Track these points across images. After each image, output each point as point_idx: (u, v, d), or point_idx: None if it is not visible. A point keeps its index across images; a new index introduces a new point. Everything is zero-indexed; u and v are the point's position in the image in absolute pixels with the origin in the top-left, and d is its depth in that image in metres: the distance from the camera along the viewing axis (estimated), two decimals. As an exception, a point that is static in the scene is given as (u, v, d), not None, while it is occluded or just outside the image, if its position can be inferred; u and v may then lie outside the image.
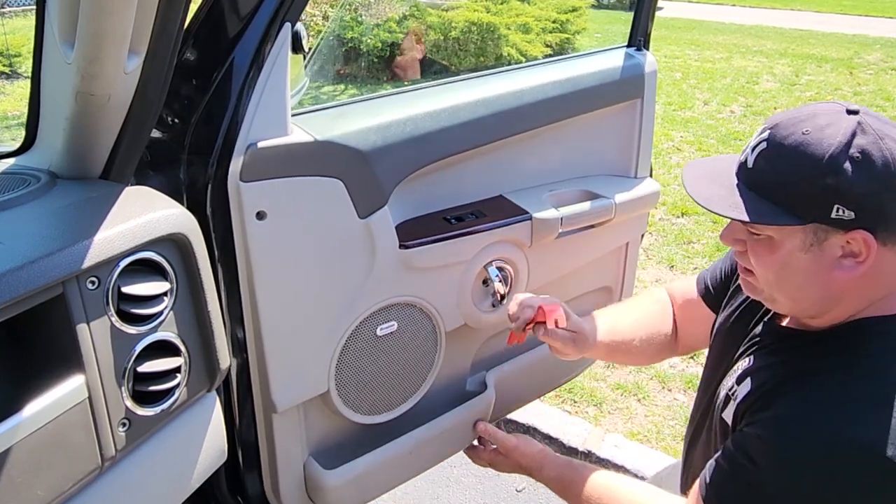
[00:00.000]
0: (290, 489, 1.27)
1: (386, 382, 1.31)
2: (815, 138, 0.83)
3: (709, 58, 9.02)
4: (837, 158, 0.81)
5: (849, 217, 0.82)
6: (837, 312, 0.91)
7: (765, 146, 0.87)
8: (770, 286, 0.93)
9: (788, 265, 0.88)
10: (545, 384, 1.63)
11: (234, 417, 1.19)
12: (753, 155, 0.88)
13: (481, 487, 2.25)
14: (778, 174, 0.85)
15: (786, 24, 12.15)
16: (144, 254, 0.82)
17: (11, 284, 0.69)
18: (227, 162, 1.01)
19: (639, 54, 1.52)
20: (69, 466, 0.77)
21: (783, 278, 0.90)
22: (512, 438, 1.31)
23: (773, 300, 0.95)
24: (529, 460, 1.27)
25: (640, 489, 1.10)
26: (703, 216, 4.05)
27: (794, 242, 0.87)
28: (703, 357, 2.88)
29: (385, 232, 1.18)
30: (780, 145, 0.85)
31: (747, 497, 0.91)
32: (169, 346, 0.87)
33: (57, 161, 0.92)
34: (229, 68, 1.02)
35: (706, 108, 6.58)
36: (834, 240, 0.85)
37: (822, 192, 0.82)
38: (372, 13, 6.65)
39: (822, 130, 0.83)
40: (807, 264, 0.87)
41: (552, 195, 1.42)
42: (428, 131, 1.21)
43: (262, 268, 1.08)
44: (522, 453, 1.28)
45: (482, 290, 1.37)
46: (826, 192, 0.82)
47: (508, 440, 1.31)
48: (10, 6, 7.65)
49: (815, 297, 0.90)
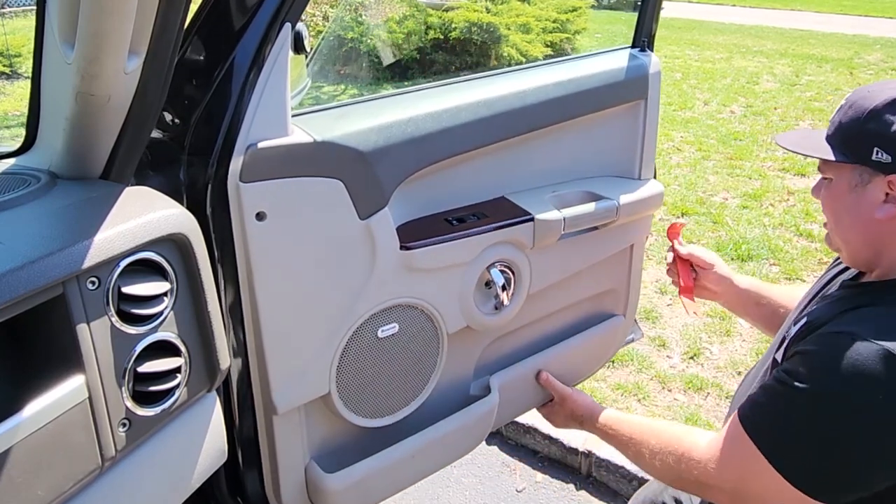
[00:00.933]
0: (291, 492, 1.27)
1: (388, 385, 1.30)
2: (872, 96, 0.99)
3: (709, 58, 9.02)
4: (882, 110, 0.97)
5: (886, 160, 0.97)
6: (889, 264, 1.03)
7: (842, 105, 1.04)
8: (832, 230, 1.08)
9: (840, 205, 1.04)
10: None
11: (235, 418, 1.18)
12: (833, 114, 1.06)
13: (481, 487, 2.25)
14: (840, 123, 1.02)
15: (786, 24, 12.16)
16: (144, 254, 0.82)
17: (11, 284, 0.69)
18: (227, 162, 1.01)
19: (643, 55, 1.51)
20: (69, 466, 0.77)
21: (838, 220, 1.05)
22: (567, 388, 1.49)
23: (839, 249, 1.09)
24: (583, 409, 1.42)
25: (678, 426, 1.21)
26: (704, 216, 4.05)
27: (844, 183, 1.02)
28: (703, 358, 2.89)
29: (386, 233, 1.18)
30: (851, 103, 1.02)
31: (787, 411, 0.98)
32: (169, 347, 0.86)
33: (57, 161, 0.92)
34: (229, 68, 1.01)
35: (706, 108, 6.58)
36: (876, 182, 0.99)
37: (865, 134, 0.98)
38: (372, 13, 6.65)
39: (881, 92, 0.99)
40: (853, 204, 1.02)
41: (555, 196, 1.42)
42: (429, 132, 1.21)
43: (262, 268, 1.07)
44: (575, 401, 1.45)
45: (484, 292, 1.37)
46: (868, 135, 0.98)
47: (565, 389, 1.49)
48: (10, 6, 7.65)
49: (862, 240, 1.03)
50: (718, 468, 1.05)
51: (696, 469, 1.08)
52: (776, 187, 4.56)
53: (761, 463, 0.98)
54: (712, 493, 1.10)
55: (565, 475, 2.30)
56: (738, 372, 2.68)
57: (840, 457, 0.94)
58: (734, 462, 1.03)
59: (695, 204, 4.25)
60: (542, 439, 2.36)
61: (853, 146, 0.99)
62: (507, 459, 2.37)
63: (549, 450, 2.36)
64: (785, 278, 3.36)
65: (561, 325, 1.60)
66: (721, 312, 3.06)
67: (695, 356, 2.78)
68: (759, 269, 3.43)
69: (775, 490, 0.97)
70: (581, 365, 1.63)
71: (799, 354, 0.99)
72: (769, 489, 0.98)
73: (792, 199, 4.39)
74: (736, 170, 4.90)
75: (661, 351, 2.83)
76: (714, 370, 2.70)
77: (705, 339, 2.90)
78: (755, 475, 0.99)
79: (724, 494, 1.07)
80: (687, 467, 1.10)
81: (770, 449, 0.98)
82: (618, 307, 1.69)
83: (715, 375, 2.67)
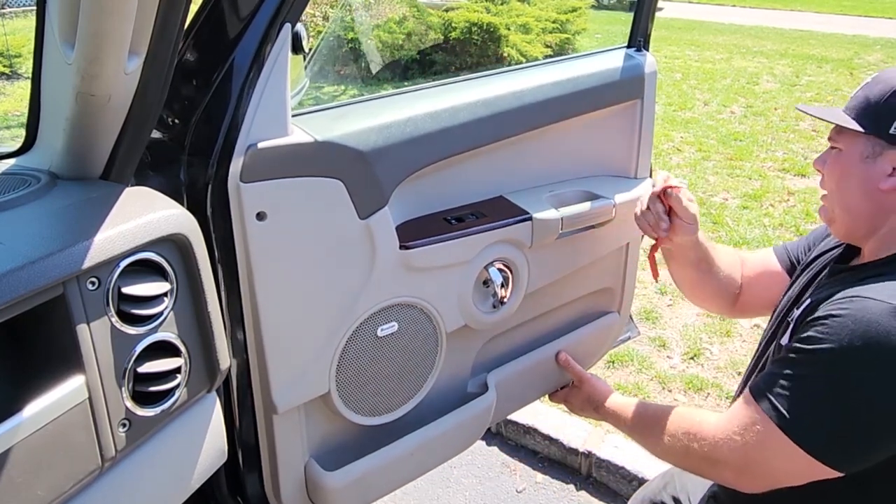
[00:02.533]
0: (290, 490, 1.27)
1: (387, 384, 1.31)
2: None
3: (709, 58, 9.02)
4: None
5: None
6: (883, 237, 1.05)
7: (867, 81, 1.07)
8: (833, 200, 1.09)
9: (847, 175, 1.06)
10: (546, 385, 1.63)
11: (235, 418, 1.19)
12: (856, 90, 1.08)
13: (481, 488, 2.25)
14: (864, 97, 1.05)
15: (786, 24, 12.16)
16: (145, 254, 0.82)
17: (11, 285, 0.69)
18: (227, 162, 1.01)
19: (639, 55, 1.51)
20: (69, 467, 0.77)
21: (842, 188, 1.07)
22: (586, 372, 1.52)
23: (834, 220, 1.11)
24: (599, 395, 1.43)
25: (693, 409, 1.22)
26: (704, 217, 4.05)
27: (855, 153, 1.04)
28: (703, 358, 2.89)
29: (385, 232, 1.18)
30: (879, 80, 1.04)
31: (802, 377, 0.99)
32: (169, 347, 0.87)
33: (57, 161, 0.92)
34: (229, 69, 1.01)
35: (706, 108, 6.58)
36: (887, 154, 1.01)
37: (885, 107, 1.00)
38: (372, 13, 6.65)
39: None
40: (861, 174, 1.04)
41: (552, 196, 1.42)
42: (428, 132, 1.21)
43: (263, 268, 1.08)
44: (593, 385, 1.47)
45: (483, 291, 1.37)
46: (888, 108, 1.00)
47: (583, 372, 1.51)
48: (10, 6, 7.65)
49: (864, 210, 1.05)
50: (726, 442, 1.05)
51: (705, 444, 1.09)
52: (776, 188, 4.56)
53: (771, 431, 0.98)
54: (718, 469, 1.09)
55: (565, 475, 2.30)
56: (738, 372, 2.68)
57: (855, 418, 0.94)
58: (743, 436, 1.03)
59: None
60: (542, 440, 2.36)
61: (873, 117, 1.02)
62: (507, 460, 2.37)
63: (549, 450, 2.36)
64: (785, 278, 3.36)
65: (557, 322, 1.60)
66: (721, 312, 3.06)
67: (695, 356, 2.78)
68: (759, 270, 3.43)
69: (785, 458, 0.97)
70: (577, 361, 1.64)
71: (811, 323, 0.99)
72: (778, 457, 0.98)
73: (792, 199, 4.39)
74: (736, 170, 4.90)
75: (661, 351, 2.83)
76: (714, 370, 2.70)
77: (705, 339, 2.90)
78: (767, 448, 0.99)
79: (730, 470, 1.07)
80: (694, 441, 1.11)
81: (781, 416, 0.98)
82: (613, 304, 1.70)
83: (715, 376, 2.67)
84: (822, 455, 0.95)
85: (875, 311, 0.92)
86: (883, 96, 1.01)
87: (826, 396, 0.96)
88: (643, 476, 2.14)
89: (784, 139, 5.60)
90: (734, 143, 5.48)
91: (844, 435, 0.95)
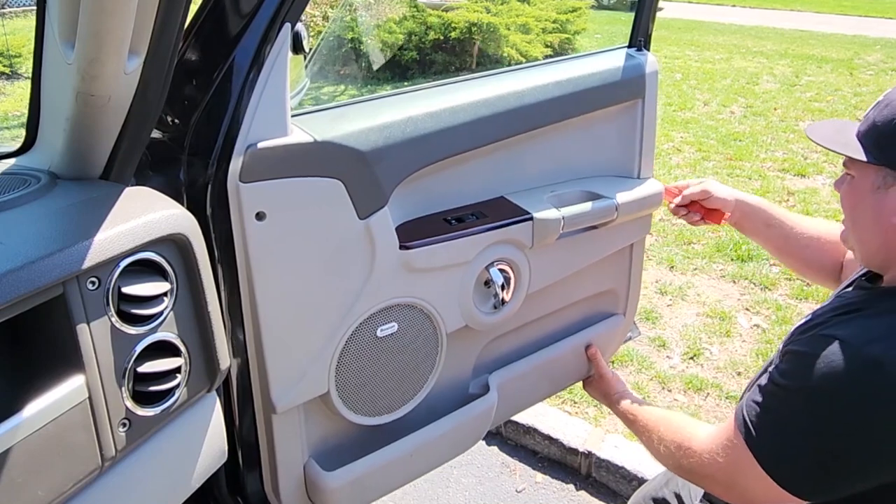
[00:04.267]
0: (290, 490, 1.27)
1: (386, 384, 1.30)
2: None
3: (709, 58, 9.02)
4: None
5: None
6: None
7: (878, 101, 1.00)
8: (848, 228, 1.06)
9: (859, 205, 1.01)
10: (548, 387, 1.63)
11: (234, 418, 1.19)
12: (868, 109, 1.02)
13: (481, 488, 2.25)
14: (874, 122, 0.98)
15: (786, 24, 12.16)
16: (144, 254, 0.82)
17: (12, 284, 0.69)
18: (226, 162, 1.01)
19: (640, 55, 1.51)
20: (69, 467, 0.77)
21: (855, 218, 1.04)
22: (609, 370, 1.59)
23: (851, 247, 1.08)
24: (614, 393, 1.50)
25: (684, 418, 1.24)
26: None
27: (866, 183, 0.99)
28: (703, 358, 2.89)
29: (385, 233, 1.18)
30: (889, 101, 0.97)
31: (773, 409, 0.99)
32: (169, 347, 0.87)
33: (57, 161, 0.92)
34: (229, 69, 1.02)
35: (706, 108, 6.58)
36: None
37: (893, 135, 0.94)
38: (372, 13, 6.65)
39: None
40: (872, 206, 0.99)
41: (553, 196, 1.42)
42: (428, 132, 1.21)
43: (262, 268, 1.08)
44: (609, 383, 1.54)
45: (483, 292, 1.37)
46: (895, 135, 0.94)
47: (606, 370, 1.58)
48: (10, 6, 7.65)
49: (877, 242, 1.01)
50: (711, 460, 1.07)
51: (693, 459, 1.11)
52: (776, 188, 4.56)
53: (749, 459, 0.99)
54: (706, 482, 1.12)
55: (565, 475, 2.30)
56: (738, 372, 2.68)
57: (816, 456, 0.94)
58: (724, 456, 1.04)
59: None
60: (542, 440, 2.36)
61: (883, 146, 0.96)
62: (507, 460, 2.37)
63: (549, 450, 2.36)
64: (786, 279, 3.36)
65: (560, 324, 1.60)
66: (721, 312, 3.06)
67: (695, 356, 2.78)
68: (759, 270, 3.44)
69: (762, 488, 0.98)
70: (580, 364, 1.63)
71: (790, 354, 1.00)
72: (756, 486, 0.99)
73: (792, 199, 4.39)
74: (736, 170, 4.90)
75: (661, 351, 2.83)
76: (714, 371, 2.70)
77: (705, 339, 2.90)
78: (742, 471, 1.01)
79: (718, 485, 1.09)
80: (685, 456, 1.13)
81: (756, 447, 0.99)
82: (618, 306, 1.69)
83: (715, 376, 2.67)
84: (785, 484, 0.96)
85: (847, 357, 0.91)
86: (889, 122, 0.95)
87: (793, 434, 0.96)
88: (643, 476, 2.15)
89: (784, 139, 5.60)
90: (734, 144, 5.48)
91: (807, 467, 0.96)
